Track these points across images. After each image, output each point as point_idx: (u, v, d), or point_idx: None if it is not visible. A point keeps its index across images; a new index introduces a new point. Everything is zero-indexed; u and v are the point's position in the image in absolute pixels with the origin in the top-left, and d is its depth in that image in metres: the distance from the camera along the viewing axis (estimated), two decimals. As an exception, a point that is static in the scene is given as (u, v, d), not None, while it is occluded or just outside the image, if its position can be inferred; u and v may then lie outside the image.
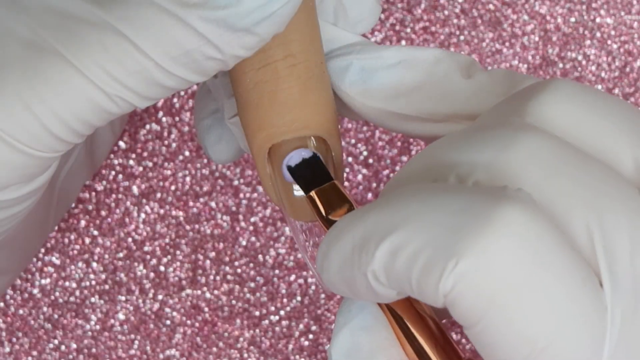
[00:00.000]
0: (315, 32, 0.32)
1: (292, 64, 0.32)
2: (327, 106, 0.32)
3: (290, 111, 0.32)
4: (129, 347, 0.47)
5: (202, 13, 0.29)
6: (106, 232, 0.47)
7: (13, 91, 0.29)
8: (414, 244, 0.25)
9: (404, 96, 0.32)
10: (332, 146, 0.32)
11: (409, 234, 0.25)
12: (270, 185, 0.33)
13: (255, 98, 0.32)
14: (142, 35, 0.29)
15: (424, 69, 0.32)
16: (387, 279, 0.26)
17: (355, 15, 0.34)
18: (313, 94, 0.32)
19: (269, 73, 0.32)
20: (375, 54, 0.33)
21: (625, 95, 0.48)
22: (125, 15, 0.29)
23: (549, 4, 0.47)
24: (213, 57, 0.29)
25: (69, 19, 0.29)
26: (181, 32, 0.29)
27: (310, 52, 0.32)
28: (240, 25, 0.29)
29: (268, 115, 0.32)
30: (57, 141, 0.30)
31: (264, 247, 0.47)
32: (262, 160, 0.32)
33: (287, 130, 0.32)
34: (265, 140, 0.32)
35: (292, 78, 0.32)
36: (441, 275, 0.25)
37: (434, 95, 0.32)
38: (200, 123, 0.37)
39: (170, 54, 0.29)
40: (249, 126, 0.32)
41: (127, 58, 0.29)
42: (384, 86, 0.32)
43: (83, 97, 0.29)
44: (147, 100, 0.30)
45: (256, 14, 0.29)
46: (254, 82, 0.32)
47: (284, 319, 0.47)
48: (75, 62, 0.29)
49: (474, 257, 0.24)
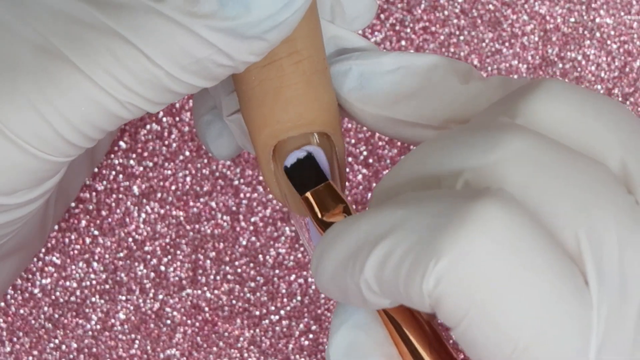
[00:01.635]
0: (318, 29, 0.33)
1: (297, 60, 0.32)
2: (330, 102, 0.32)
3: (296, 108, 0.32)
4: (130, 346, 0.47)
5: (211, 23, 0.29)
6: (107, 232, 0.47)
7: (24, 96, 0.29)
8: (400, 250, 0.25)
9: (402, 102, 0.32)
10: (336, 142, 0.32)
11: (395, 241, 0.26)
12: (274, 182, 0.33)
13: (260, 95, 0.32)
14: (152, 44, 0.29)
15: (422, 75, 0.32)
16: (380, 287, 0.26)
17: (352, 12, 0.34)
18: (317, 90, 0.32)
19: (273, 70, 0.32)
20: (374, 59, 0.33)
21: (624, 95, 0.48)
22: (133, 25, 0.29)
23: (548, 4, 0.47)
24: (224, 64, 0.29)
25: (77, 26, 0.29)
26: (191, 42, 0.29)
27: (314, 48, 0.32)
28: (251, 34, 0.29)
29: (273, 112, 0.32)
30: (67, 145, 0.30)
31: (264, 247, 0.47)
32: (267, 157, 0.32)
33: (292, 127, 0.32)
34: (270, 137, 0.32)
35: (297, 75, 0.32)
36: (423, 276, 0.25)
37: (432, 101, 0.32)
38: (200, 119, 0.37)
39: (180, 63, 0.29)
40: (253, 123, 0.32)
41: (137, 66, 0.29)
42: (382, 92, 0.32)
43: (92, 102, 0.29)
44: (158, 106, 0.30)
45: (266, 23, 0.29)
46: (259, 80, 0.32)
47: (284, 319, 0.47)
48: (83, 68, 0.29)
49: (451, 254, 0.24)
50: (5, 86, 0.29)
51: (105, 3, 0.29)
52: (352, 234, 0.27)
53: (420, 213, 0.25)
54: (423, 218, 0.25)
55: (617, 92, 0.48)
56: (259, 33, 0.29)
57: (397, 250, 0.25)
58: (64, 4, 0.29)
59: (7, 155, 0.30)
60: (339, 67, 0.33)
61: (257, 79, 0.32)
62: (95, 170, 0.47)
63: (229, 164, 0.47)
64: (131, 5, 0.29)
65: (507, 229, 0.25)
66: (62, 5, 0.29)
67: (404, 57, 0.33)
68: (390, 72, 0.33)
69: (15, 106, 0.29)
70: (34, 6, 0.30)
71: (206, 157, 0.47)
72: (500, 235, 0.24)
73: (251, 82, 0.32)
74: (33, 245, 0.43)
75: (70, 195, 0.44)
